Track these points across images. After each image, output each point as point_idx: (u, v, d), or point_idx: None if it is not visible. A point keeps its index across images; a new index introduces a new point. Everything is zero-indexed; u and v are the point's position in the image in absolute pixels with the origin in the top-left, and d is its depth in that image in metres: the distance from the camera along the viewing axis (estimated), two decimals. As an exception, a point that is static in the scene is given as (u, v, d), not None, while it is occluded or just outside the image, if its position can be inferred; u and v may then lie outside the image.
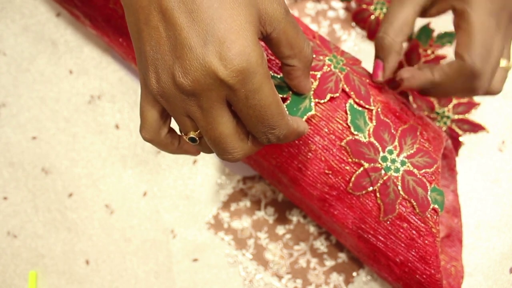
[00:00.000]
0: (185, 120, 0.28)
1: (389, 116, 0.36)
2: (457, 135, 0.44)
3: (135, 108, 0.47)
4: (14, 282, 0.45)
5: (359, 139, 0.35)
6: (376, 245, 0.37)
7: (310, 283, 0.44)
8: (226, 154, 0.28)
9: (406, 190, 0.35)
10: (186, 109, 0.27)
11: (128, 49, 0.42)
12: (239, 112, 0.27)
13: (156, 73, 0.27)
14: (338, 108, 0.35)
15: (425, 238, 0.35)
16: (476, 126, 0.45)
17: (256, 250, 0.45)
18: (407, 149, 0.35)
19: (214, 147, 0.28)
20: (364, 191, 0.35)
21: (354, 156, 0.35)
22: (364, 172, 0.35)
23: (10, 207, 0.46)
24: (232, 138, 0.28)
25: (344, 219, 0.37)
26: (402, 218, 0.35)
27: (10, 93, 0.48)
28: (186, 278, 0.45)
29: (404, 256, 0.36)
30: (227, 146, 0.28)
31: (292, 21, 0.28)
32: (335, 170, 0.36)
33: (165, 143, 0.31)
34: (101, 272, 0.45)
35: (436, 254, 0.35)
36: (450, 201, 0.42)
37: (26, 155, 0.47)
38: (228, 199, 0.46)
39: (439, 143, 0.37)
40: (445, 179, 0.42)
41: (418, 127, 0.37)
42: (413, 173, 0.35)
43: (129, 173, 0.46)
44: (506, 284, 0.44)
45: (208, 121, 0.27)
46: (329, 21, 0.48)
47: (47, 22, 0.48)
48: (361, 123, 0.35)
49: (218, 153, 0.29)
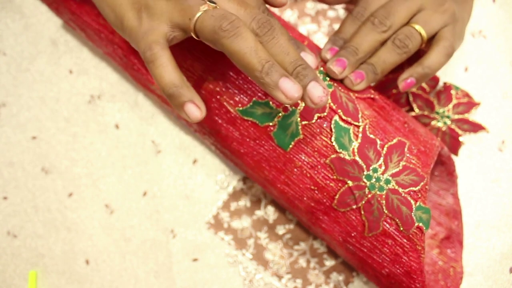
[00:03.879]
0: (200, 1, 0.29)
1: (376, 131, 0.36)
2: (457, 135, 0.44)
3: (135, 108, 0.47)
4: (14, 282, 0.46)
5: (343, 157, 0.35)
6: (362, 257, 0.37)
7: (310, 283, 0.44)
8: (257, 14, 0.29)
9: (390, 209, 0.35)
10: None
11: (121, 62, 0.42)
12: None
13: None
14: (323, 125, 0.35)
15: (409, 254, 0.35)
16: (476, 126, 0.45)
17: (256, 250, 0.45)
18: (392, 167, 0.35)
19: (243, 9, 0.29)
20: (348, 208, 0.35)
21: (339, 174, 0.35)
22: (348, 190, 0.35)
23: (10, 207, 0.46)
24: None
25: (331, 231, 0.38)
26: (386, 234, 0.35)
27: (10, 93, 0.48)
28: (186, 278, 0.45)
29: (390, 269, 0.36)
30: (254, 7, 0.29)
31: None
32: (320, 186, 0.36)
33: (174, 63, 0.29)
34: (101, 272, 0.45)
35: (421, 270, 0.36)
36: (450, 204, 0.42)
37: (26, 155, 0.47)
38: (228, 199, 0.46)
39: (429, 157, 0.37)
40: (445, 182, 0.42)
41: (406, 143, 0.36)
42: (398, 191, 0.35)
43: (129, 173, 0.46)
44: (506, 284, 0.44)
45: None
46: (329, 21, 0.48)
47: (47, 22, 0.48)
48: (345, 141, 0.35)
49: (251, 13, 0.29)
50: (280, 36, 0.29)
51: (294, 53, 0.29)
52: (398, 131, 0.37)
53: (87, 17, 0.41)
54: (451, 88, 0.45)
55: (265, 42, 0.28)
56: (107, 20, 0.34)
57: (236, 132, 0.37)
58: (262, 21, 0.29)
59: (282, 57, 0.28)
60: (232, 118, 0.37)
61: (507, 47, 0.48)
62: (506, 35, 0.48)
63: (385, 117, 0.37)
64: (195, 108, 0.29)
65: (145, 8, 0.31)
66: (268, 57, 0.28)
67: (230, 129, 0.37)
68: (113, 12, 0.32)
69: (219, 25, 0.27)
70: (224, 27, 0.27)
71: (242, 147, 0.38)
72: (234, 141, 0.38)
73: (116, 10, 0.32)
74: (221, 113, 0.37)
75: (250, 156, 0.38)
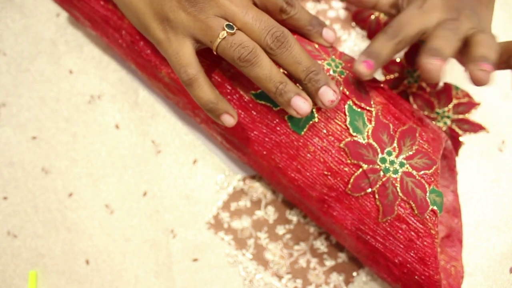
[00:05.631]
0: (218, 19, 0.31)
1: (388, 117, 0.36)
2: (457, 135, 0.44)
3: (135, 108, 0.47)
4: (14, 282, 0.45)
5: (357, 140, 0.35)
6: (375, 246, 0.37)
7: (310, 283, 0.44)
8: (273, 27, 0.31)
9: (404, 192, 0.35)
10: (217, 5, 0.31)
11: (128, 50, 0.42)
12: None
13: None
14: (337, 109, 0.35)
15: (423, 239, 0.35)
16: (476, 126, 0.45)
17: (256, 250, 0.45)
18: (406, 150, 0.35)
19: (258, 23, 0.31)
20: (362, 192, 0.35)
21: (353, 157, 0.35)
22: (362, 174, 0.35)
23: (10, 207, 0.46)
24: (266, 14, 0.32)
25: (343, 220, 0.37)
26: (401, 219, 0.35)
27: (10, 93, 0.48)
28: (186, 278, 0.45)
29: (403, 257, 0.36)
30: (269, 19, 0.31)
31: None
32: (333, 171, 0.36)
33: (209, 81, 0.33)
34: (101, 272, 0.45)
35: (435, 256, 0.35)
36: (450, 201, 0.42)
37: (26, 155, 0.47)
38: (228, 199, 0.46)
39: (439, 144, 0.37)
40: (445, 179, 0.42)
41: (417, 129, 0.37)
42: (412, 174, 0.35)
43: (129, 173, 0.46)
44: (506, 284, 0.44)
45: (241, 4, 0.31)
46: (329, 21, 0.48)
47: (47, 22, 0.48)
48: (359, 124, 0.35)
49: (266, 29, 0.31)
50: (293, 47, 0.31)
51: (306, 61, 0.32)
52: (408, 118, 0.37)
53: (94, 3, 0.41)
54: (451, 88, 0.45)
55: (279, 55, 0.31)
56: (132, 23, 0.36)
57: (247, 117, 0.37)
58: (276, 35, 0.31)
59: (295, 66, 0.31)
60: (244, 103, 0.37)
61: (507, 47, 0.48)
62: (506, 35, 0.48)
63: (395, 105, 0.37)
64: (229, 117, 0.33)
65: (167, 20, 0.32)
66: (281, 79, 0.31)
67: (242, 115, 0.37)
68: (137, 19, 0.34)
69: (238, 56, 0.31)
70: (242, 57, 0.31)
71: (252, 133, 0.37)
72: (244, 127, 0.38)
73: (140, 18, 0.34)
74: (234, 99, 0.37)
75: (261, 143, 0.37)
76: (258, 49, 0.31)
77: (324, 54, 0.37)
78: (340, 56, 0.38)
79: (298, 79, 0.32)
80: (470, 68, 0.31)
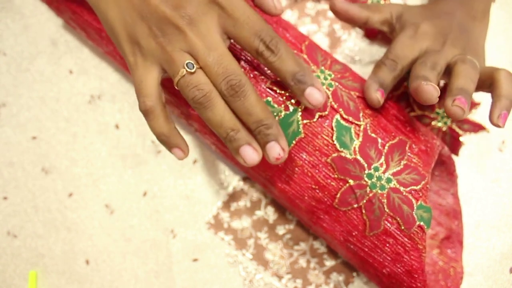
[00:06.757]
0: (183, 54, 0.31)
1: (377, 130, 0.36)
2: (457, 135, 0.44)
3: (135, 108, 0.47)
4: (14, 282, 0.45)
5: (344, 156, 0.35)
6: (363, 257, 0.37)
7: (310, 283, 0.44)
8: (230, 74, 0.31)
9: (391, 208, 0.35)
10: (185, 40, 0.31)
11: (123, 61, 0.42)
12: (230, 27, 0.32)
13: (144, 21, 0.31)
14: (324, 124, 0.35)
15: (410, 253, 0.35)
16: (476, 126, 0.45)
17: (256, 250, 0.45)
18: (393, 165, 0.35)
19: (216, 66, 0.31)
20: (349, 207, 0.35)
21: (340, 172, 0.35)
22: (349, 189, 0.35)
23: (10, 207, 0.46)
24: (231, 57, 0.31)
25: (332, 231, 0.38)
26: (388, 233, 0.35)
27: (10, 93, 0.48)
28: (186, 278, 0.45)
29: (391, 269, 0.36)
30: (231, 64, 0.31)
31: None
32: (321, 185, 0.36)
33: (165, 114, 0.33)
34: (101, 272, 0.45)
35: (422, 269, 0.36)
36: (450, 204, 0.42)
37: (26, 155, 0.47)
38: (228, 199, 0.46)
39: (430, 156, 0.37)
40: (445, 182, 0.42)
41: (407, 142, 0.36)
42: (399, 190, 0.35)
43: (129, 173, 0.46)
44: (506, 284, 0.44)
45: (208, 44, 0.31)
46: (329, 21, 0.48)
47: (47, 22, 0.48)
48: (347, 139, 0.35)
49: (223, 74, 0.31)
50: (247, 97, 0.31)
51: (259, 113, 0.31)
52: (399, 130, 0.37)
53: (87, 16, 0.41)
54: (451, 88, 0.45)
55: (232, 103, 0.31)
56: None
57: None
58: (231, 83, 0.31)
59: (246, 117, 0.31)
60: None
61: (507, 47, 0.48)
62: (506, 35, 0.48)
63: (386, 116, 0.37)
64: (179, 152, 0.34)
65: (137, 45, 0.32)
66: (233, 126, 0.31)
67: None
68: (112, 36, 0.34)
69: (192, 97, 0.31)
70: (196, 99, 0.31)
71: None
72: None
73: (114, 36, 0.33)
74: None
75: None
76: (214, 93, 0.31)
77: (313, 65, 0.37)
78: (331, 66, 0.38)
79: (249, 129, 0.32)
80: (446, 103, 0.33)
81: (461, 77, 0.34)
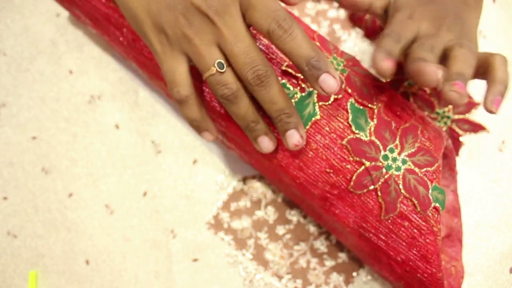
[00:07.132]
0: (212, 49, 0.32)
1: (390, 115, 0.36)
2: (457, 135, 0.44)
3: (135, 108, 0.47)
4: (14, 282, 0.45)
5: (360, 137, 0.35)
6: (377, 244, 0.37)
7: (310, 283, 0.44)
8: (258, 65, 0.32)
9: (407, 189, 0.35)
10: (213, 31, 0.31)
11: (129, 49, 0.42)
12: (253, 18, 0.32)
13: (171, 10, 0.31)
14: (339, 106, 0.35)
15: (426, 236, 0.35)
16: (476, 126, 0.45)
17: (256, 250, 0.45)
18: (408, 147, 0.35)
19: (243, 56, 0.31)
20: (365, 189, 0.35)
21: (355, 154, 0.35)
22: (365, 171, 0.35)
23: (10, 207, 0.46)
24: (257, 47, 0.32)
25: (345, 218, 0.37)
26: (403, 216, 0.35)
27: (10, 93, 0.48)
28: (186, 278, 0.45)
29: (405, 255, 0.36)
30: (258, 55, 0.32)
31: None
32: (336, 168, 0.36)
33: (198, 101, 0.34)
34: (101, 272, 0.45)
35: (438, 253, 0.35)
36: (450, 201, 0.42)
37: (26, 155, 0.47)
38: (228, 199, 0.46)
39: (440, 142, 0.37)
40: (445, 179, 0.42)
41: (419, 126, 0.37)
42: (414, 171, 0.35)
43: (129, 173, 0.46)
44: (506, 284, 0.44)
45: (236, 34, 0.31)
46: (329, 21, 0.48)
47: (47, 22, 0.48)
48: (362, 121, 0.35)
49: (250, 64, 0.32)
50: (272, 87, 0.33)
51: (281, 102, 0.33)
52: (410, 116, 0.37)
53: (96, 1, 0.41)
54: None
55: (257, 91, 0.33)
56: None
57: None
58: (258, 73, 0.32)
59: (269, 105, 0.33)
60: None
61: (507, 47, 0.48)
62: (506, 35, 0.48)
63: (396, 103, 0.37)
64: (209, 135, 0.36)
65: (164, 33, 0.32)
66: (254, 118, 0.34)
67: None
68: (135, 25, 0.34)
69: (222, 93, 0.33)
70: (224, 96, 0.33)
71: None
72: None
73: (138, 25, 0.34)
74: None
75: None
76: (240, 92, 0.33)
77: (325, 52, 0.37)
78: (342, 54, 0.38)
79: (270, 117, 0.34)
80: (444, 88, 0.32)
81: (459, 62, 0.33)
